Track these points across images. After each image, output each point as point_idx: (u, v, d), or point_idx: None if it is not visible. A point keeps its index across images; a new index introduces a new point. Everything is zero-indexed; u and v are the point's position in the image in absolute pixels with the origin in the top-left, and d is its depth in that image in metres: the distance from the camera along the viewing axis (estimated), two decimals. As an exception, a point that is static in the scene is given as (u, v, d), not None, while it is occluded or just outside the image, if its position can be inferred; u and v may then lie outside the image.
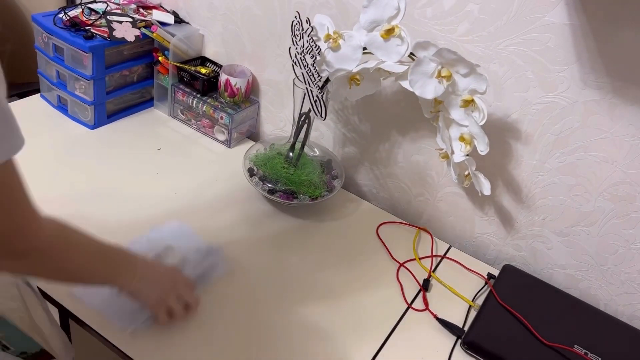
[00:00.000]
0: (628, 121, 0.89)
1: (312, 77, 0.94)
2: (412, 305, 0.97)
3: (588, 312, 1.00)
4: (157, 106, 1.36)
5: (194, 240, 0.97)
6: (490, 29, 0.94)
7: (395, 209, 1.23)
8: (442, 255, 1.11)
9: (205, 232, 1.01)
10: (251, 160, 1.14)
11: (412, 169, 1.16)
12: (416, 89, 0.89)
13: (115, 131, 1.24)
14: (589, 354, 0.90)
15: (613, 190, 0.96)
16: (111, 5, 1.23)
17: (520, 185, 1.05)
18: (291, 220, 1.10)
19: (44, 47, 1.20)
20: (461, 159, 0.95)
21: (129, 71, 1.26)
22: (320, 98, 0.95)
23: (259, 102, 1.31)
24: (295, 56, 0.95)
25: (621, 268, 1.01)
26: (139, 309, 0.81)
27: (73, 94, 1.21)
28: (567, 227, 1.03)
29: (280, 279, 0.96)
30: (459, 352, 0.91)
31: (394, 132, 1.14)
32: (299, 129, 1.08)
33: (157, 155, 1.19)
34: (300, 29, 0.91)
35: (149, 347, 0.79)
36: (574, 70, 0.90)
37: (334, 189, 1.12)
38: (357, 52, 0.91)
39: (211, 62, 1.31)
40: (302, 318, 0.90)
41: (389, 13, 0.87)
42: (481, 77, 0.86)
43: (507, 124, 1.00)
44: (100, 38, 1.14)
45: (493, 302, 0.98)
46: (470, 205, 1.13)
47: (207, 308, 0.87)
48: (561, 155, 0.98)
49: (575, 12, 0.86)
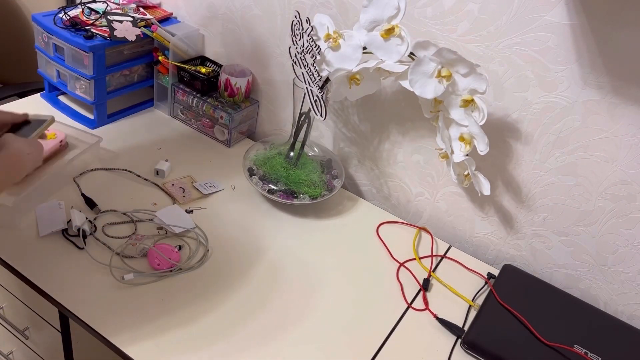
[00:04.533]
0: (628, 121, 0.89)
1: (312, 76, 0.94)
2: (412, 305, 0.97)
3: (588, 312, 1.00)
4: (157, 106, 1.36)
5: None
6: (490, 28, 0.94)
7: (395, 209, 1.23)
8: (442, 255, 1.11)
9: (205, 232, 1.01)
10: (251, 160, 1.14)
11: (412, 169, 1.16)
12: (416, 88, 0.89)
13: (116, 131, 1.24)
14: (589, 354, 0.90)
15: (613, 189, 0.96)
16: (111, 5, 1.23)
17: (520, 185, 1.05)
18: (291, 219, 1.10)
19: (44, 47, 1.20)
20: (461, 158, 0.95)
21: (129, 71, 1.26)
22: (320, 98, 0.95)
23: (258, 101, 1.31)
24: (295, 56, 0.95)
25: (621, 268, 1.01)
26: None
27: (73, 93, 1.21)
28: (567, 226, 1.03)
29: (280, 278, 0.96)
30: (459, 352, 0.91)
31: (394, 131, 1.14)
32: (299, 128, 1.08)
33: (158, 154, 1.19)
34: (300, 29, 0.91)
35: (149, 347, 0.79)
36: (574, 69, 0.90)
37: (333, 189, 1.12)
38: (357, 52, 0.91)
39: (211, 62, 1.31)
40: (302, 318, 0.90)
41: (389, 13, 0.87)
42: (481, 76, 0.86)
43: (507, 123, 1.00)
44: (101, 38, 1.14)
45: (493, 302, 0.98)
46: (470, 205, 1.13)
47: (207, 308, 0.87)
48: (561, 155, 0.98)
49: (575, 11, 0.86)
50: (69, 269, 0.88)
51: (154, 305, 0.86)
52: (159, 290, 0.88)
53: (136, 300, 0.86)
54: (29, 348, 1.11)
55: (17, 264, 0.87)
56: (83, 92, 1.20)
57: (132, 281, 0.88)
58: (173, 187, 1.10)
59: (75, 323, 0.84)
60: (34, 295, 0.87)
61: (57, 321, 0.96)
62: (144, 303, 0.86)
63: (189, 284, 0.91)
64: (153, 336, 0.81)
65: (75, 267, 0.89)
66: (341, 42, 0.91)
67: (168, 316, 0.84)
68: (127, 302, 0.85)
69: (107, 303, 0.84)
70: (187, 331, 0.83)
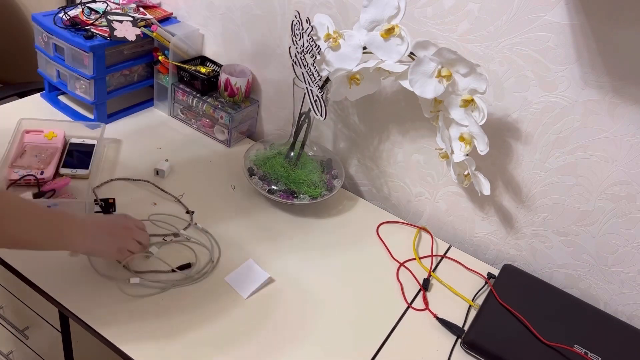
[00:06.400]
0: (628, 120, 0.89)
1: (312, 76, 0.94)
2: (412, 305, 0.97)
3: (588, 312, 1.00)
4: (157, 106, 1.36)
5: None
6: (490, 28, 0.94)
7: (395, 209, 1.23)
8: (442, 255, 1.11)
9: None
10: (251, 160, 1.14)
11: (412, 169, 1.16)
12: (416, 88, 0.89)
13: (115, 131, 1.24)
14: (589, 354, 0.90)
15: (613, 189, 0.96)
16: (111, 5, 1.23)
17: (520, 185, 1.05)
18: (291, 219, 1.10)
19: (44, 46, 1.20)
20: (461, 158, 0.95)
21: (129, 71, 1.26)
22: (320, 97, 0.95)
23: (258, 101, 1.31)
24: (295, 56, 0.95)
25: (621, 268, 1.01)
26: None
27: (73, 93, 1.21)
28: (567, 226, 1.03)
29: (280, 278, 0.96)
30: (459, 351, 0.91)
31: (394, 131, 1.14)
32: (299, 128, 1.08)
33: (158, 154, 1.19)
34: (300, 29, 0.91)
35: (149, 347, 0.79)
36: (574, 69, 0.90)
37: (333, 189, 1.12)
38: (357, 52, 0.91)
39: (211, 62, 1.31)
40: (301, 318, 0.90)
41: (389, 12, 0.87)
42: (481, 76, 0.86)
43: (507, 123, 1.00)
44: (101, 37, 1.14)
45: (493, 302, 0.98)
46: (470, 205, 1.13)
47: (206, 308, 0.87)
48: (561, 155, 0.98)
49: (575, 11, 0.86)
50: (69, 269, 0.88)
51: (154, 305, 0.85)
52: (159, 291, 0.88)
53: (136, 300, 0.86)
54: (29, 348, 1.11)
55: (16, 263, 0.87)
56: (83, 92, 1.20)
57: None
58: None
59: (75, 323, 0.84)
60: (34, 295, 0.87)
61: (57, 321, 0.96)
62: (144, 303, 0.85)
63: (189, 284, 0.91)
64: (153, 336, 0.81)
65: (76, 267, 0.89)
66: (341, 42, 0.91)
67: (168, 317, 0.84)
68: (128, 302, 0.85)
69: (107, 303, 0.84)
70: (188, 331, 0.83)
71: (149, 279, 0.89)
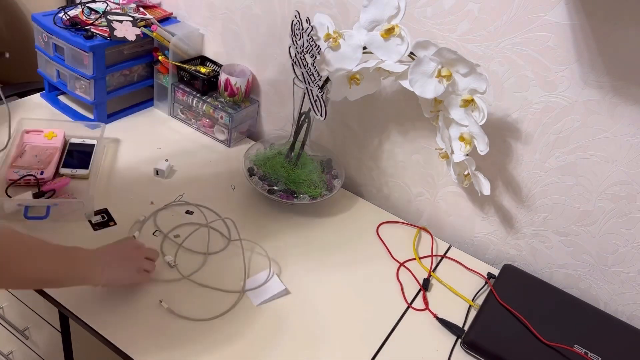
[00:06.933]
0: (628, 120, 0.89)
1: (312, 76, 0.94)
2: (412, 305, 0.97)
3: (588, 312, 1.00)
4: (157, 106, 1.36)
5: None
6: (490, 28, 0.93)
7: (395, 209, 1.23)
8: (442, 255, 1.11)
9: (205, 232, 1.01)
10: (251, 160, 1.14)
11: (412, 169, 1.16)
12: (416, 88, 0.89)
13: (115, 131, 1.23)
14: (589, 354, 0.90)
15: (613, 189, 0.96)
16: (111, 5, 1.23)
17: (520, 185, 1.05)
18: (291, 219, 1.10)
19: (44, 46, 1.20)
20: (461, 158, 0.95)
21: (129, 71, 1.26)
22: (320, 97, 0.95)
23: (258, 101, 1.31)
24: (295, 56, 0.95)
25: (621, 268, 1.01)
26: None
27: (73, 93, 1.21)
28: (567, 226, 1.03)
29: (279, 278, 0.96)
30: (459, 351, 0.91)
31: (394, 131, 1.14)
32: (299, 128, 1.08)
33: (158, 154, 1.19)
34: (300, 29, 0.91)
35: (149, 347, 0.79)
36: (574, 69, 0.90)
37: (333, 189, 1.12)
38: (357, 52, 0.91)
39: (211, 62, 1.31)
40: (301, 318, 0.90)
41: (389, 12, 0.87)
42: (481, 76, 0.86)
43: (507, 123, 1.00)
44: (101, 37, 1.14)
45: (493, 302, 0.98)
46: (470, 205, 1.13)
47: (205, 308, 0.87)
48: (561, 155, 0.98)
49: (575, 11, 0.86)
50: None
51: (154, 306, 0.86)
52: (159, 292, 0.88)
53: (136, 300, 0.86)
54: (29, 348, 1.11)
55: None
56: (83, 92, 1.20)
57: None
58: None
59: (75, 323, 0.84)
60: (34, 295, 0.87)
61: (57, 321, 0.96)
62: (144, 304, 0.85)
63: (188, 284, 0.91)
64: (153, 336, 0.81)
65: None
66: (341, 42, 0.91)
67: (168, 317, 0.84)
68: (128, 302, 0.85)
69: (107, 303, 0.84)
70: (187, 331, 0.83)
71: (151, 278, 0.89)
